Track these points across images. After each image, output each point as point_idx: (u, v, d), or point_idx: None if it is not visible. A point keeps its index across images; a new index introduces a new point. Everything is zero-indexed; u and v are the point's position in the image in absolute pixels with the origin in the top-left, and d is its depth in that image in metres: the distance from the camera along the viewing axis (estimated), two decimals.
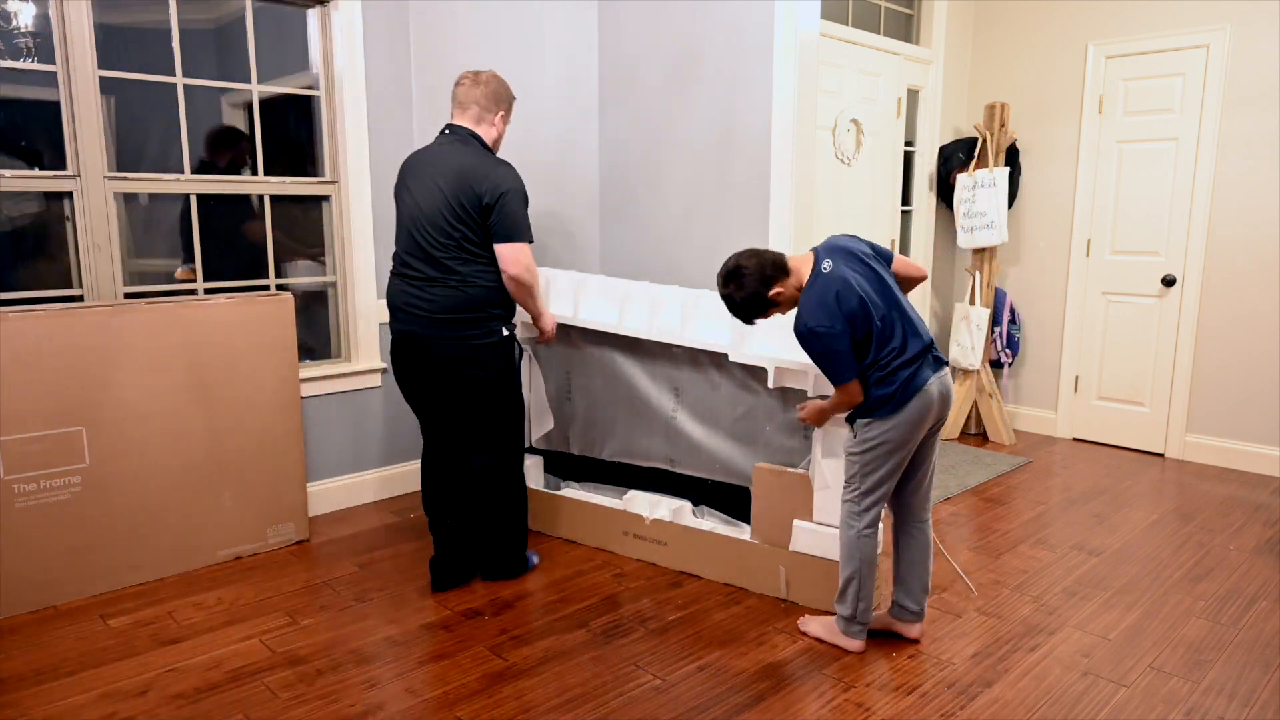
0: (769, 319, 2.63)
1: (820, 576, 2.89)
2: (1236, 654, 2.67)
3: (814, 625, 2.74)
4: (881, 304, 2.44)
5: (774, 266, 2.47)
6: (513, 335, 3.00)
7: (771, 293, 2.47)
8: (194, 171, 3.38)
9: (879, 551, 2.63)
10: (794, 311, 2.53)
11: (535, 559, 3.27)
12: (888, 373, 2.43)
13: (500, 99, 2.95)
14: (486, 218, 2.80)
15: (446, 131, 2.92)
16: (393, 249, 3.91)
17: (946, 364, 2.54)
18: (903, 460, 2.51)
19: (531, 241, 2.88)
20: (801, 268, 2.50)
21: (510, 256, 2.82)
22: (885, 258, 2.56)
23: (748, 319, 2.56)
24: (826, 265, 2.45)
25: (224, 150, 3.50)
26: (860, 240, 2.55)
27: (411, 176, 2.90)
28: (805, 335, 2.41)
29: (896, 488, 2.64)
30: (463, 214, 2.79)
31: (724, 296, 2.52)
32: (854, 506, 2.56)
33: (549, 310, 3.21)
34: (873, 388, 2.45)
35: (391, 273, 2.96)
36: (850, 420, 2.57)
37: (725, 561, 3.10)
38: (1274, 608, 2.98)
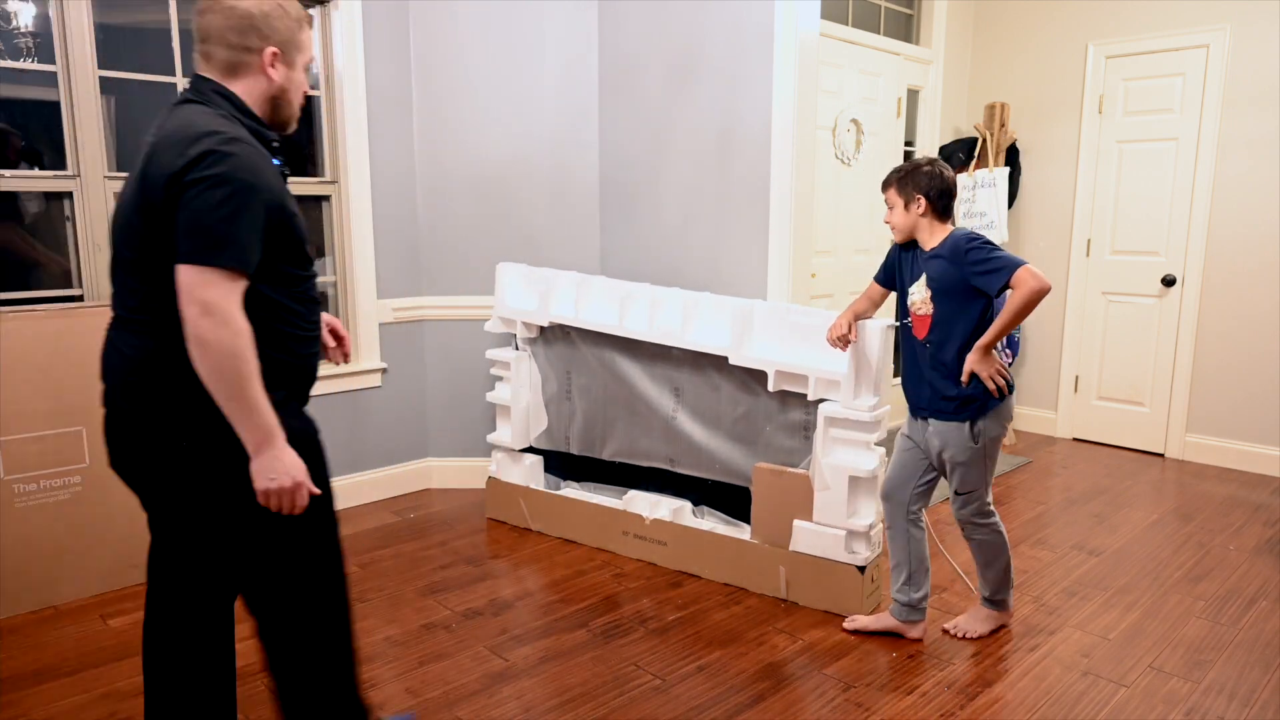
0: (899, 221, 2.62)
1: (820, 576, 2.89)
2: (1236, 654, 2.67)
3: (974, 625, 2.78)
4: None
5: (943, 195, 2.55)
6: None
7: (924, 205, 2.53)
8: None
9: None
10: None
11: None
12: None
13: (255, 30, 1.67)
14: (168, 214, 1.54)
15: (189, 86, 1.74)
16: (392, 249, 3.92)
17: None
18: None
19: (239, 269, 1.53)
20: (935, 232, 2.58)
21: (185, 283, 1.50)
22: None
23: (948, 196, 2.57)
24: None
25: None
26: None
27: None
28: (975, 239, 2.50)
29: (925, 487, 2.69)
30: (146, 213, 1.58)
31: (938, 166, 2.54)
32: (986, 504, 2.65)
33: (265, 409, 1.57)
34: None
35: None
36: (973, 420, 2.52)
37: (725, 561, 3.10)
38: (1274, 608, 2.98)
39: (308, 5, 3.62)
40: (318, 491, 1.67)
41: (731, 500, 3.29)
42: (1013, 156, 5.06)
